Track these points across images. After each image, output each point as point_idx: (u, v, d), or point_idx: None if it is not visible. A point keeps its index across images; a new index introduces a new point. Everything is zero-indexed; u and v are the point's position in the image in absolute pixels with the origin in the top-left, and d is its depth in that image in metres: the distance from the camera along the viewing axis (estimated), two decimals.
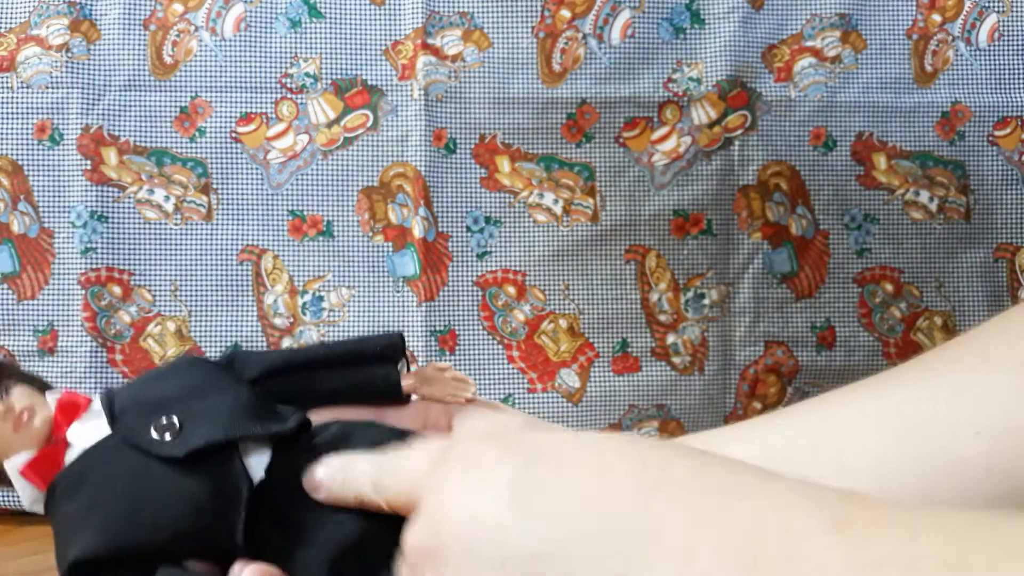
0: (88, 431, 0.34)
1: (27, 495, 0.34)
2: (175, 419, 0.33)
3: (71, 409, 0.35)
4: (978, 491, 0.33)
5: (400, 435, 0.34)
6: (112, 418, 0.34)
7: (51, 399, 0.35)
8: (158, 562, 0.31)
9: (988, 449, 0.33)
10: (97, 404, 0.35)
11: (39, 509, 0.34)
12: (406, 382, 0.37)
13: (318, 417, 0.35)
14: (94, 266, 0.82)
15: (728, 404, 0.87)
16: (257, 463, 0.33)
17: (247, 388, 0.35)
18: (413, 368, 0.38)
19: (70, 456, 0.34)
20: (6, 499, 0.81)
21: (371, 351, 0.37)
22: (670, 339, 0.86)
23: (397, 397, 0.37)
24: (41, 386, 0.36)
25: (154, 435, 0.33)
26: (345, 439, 0.34)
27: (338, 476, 0.31)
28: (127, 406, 0.34)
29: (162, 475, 0.32)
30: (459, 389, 0.37)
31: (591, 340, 0.86)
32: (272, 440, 0.33)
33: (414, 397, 0.38)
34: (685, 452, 0.26)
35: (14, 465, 0.34)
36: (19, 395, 0.35)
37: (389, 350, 0.37)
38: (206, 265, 0.84)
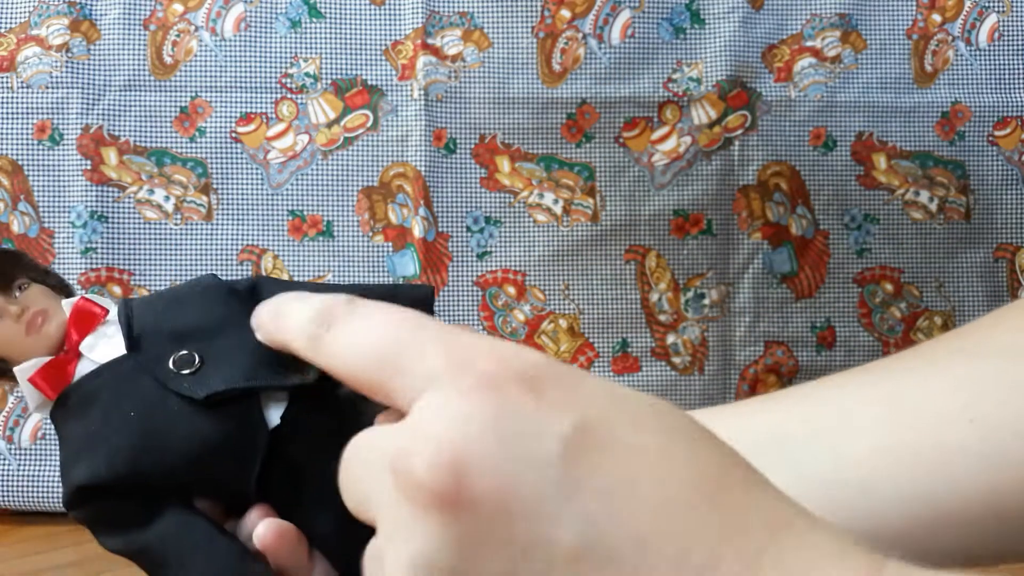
0: (102, 345, 0.33)
1: (34, 401, 0.33)
2: (195, 354, 0.32)
3: (87, 319, 0.33)
4: (971, 480, 0.33)
5: None
6: (129, 338, 0.33)
7: (67, 305, 0.34)
8: (164, 495, 0.31)
9: (981, 437, 0.33)
10: (113, 316, 0.34)
11: (44, 414, 0.33)
12: None
13: None
14: (94, 266, 0.82)
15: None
16: (274, 409, 0.32)
17: None
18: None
19: (81, 368, 0.33)
20: (6, 499, 0.81)
21: (401, 301, 0.36)
22: (670, 339, 0.86)
23: None
24: (60, 286, 0.35)
25: (172, 368, 0.31)
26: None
27: (271, 316, 0.29)
28: (147, 329, 0.33)
29: (177, 411, 0.31)
30: None
31: (591, 340, 0.86)
32: (291, 388, 0.32)
33: None
34: (736, 462, 0.24)
35: (23, 371, 0.32)
36: (35, 296, 0.34)
37: (419, 303, 0.35)
38: (206, 265, 0.84)
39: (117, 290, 0.83)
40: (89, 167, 0.83)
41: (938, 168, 0.88)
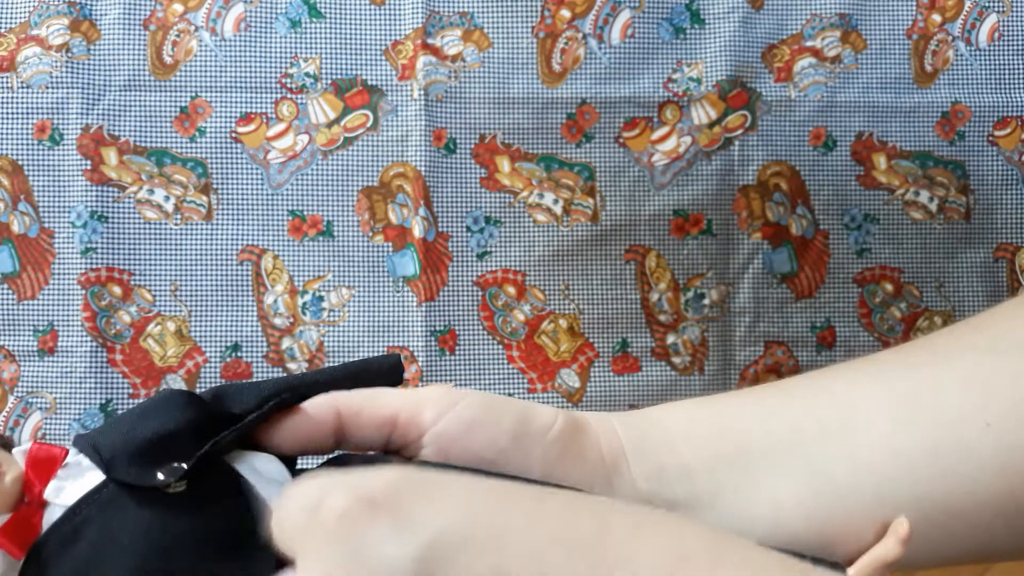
0: (71, 486, 0.30)
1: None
2: (184, 464, 0.29)
3: (47, 464, 0.30)
4: (986, 485, 0.32)
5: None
6: (104, 465, 0.30)
7: (19, 455, 0.31)
8: None
9: (997, 442, 0.32)
10: (78, 456, 0.31)
11: None
12: None
13: None
14: (94, 266, 0.82)
15: None
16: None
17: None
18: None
19: (49, 516, 0.30)
20: None
21: (373, 377, 0.34)
22: (670, 339, 0.86)
23: None
24: (2, 443, 0.32)
25: (162, 477, 0.29)
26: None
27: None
28: (118, 450, 0.30)
29: (177, 515, 0.29)
30: None
31: (591, 340, 0.86)
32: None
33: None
34: (612, 524, 0.23)
35: None
36: None
37: (392, 375, 0.35)
38: (206, 265, 0.84)
39: (117, 290, 0.83)
40: (89, 167, 0.83)
41: (938, 168, 0.88)
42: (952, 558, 0.33)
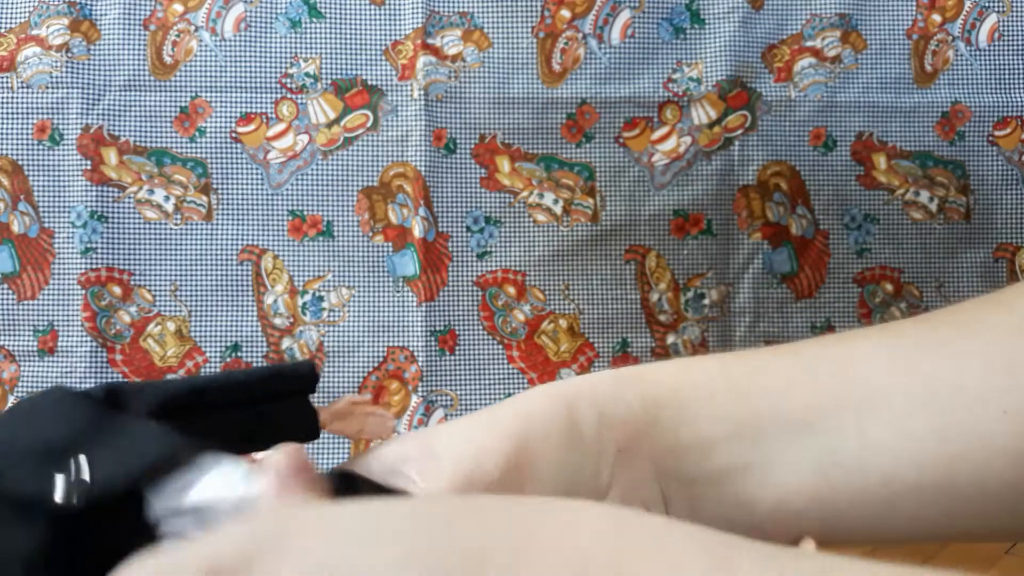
0: None
1: None
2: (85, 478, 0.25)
3: None
4: (996, 472, 0.31)
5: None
6: None
7: None
8: None
9: (1013, 431, 0.31)
10: None
11: None
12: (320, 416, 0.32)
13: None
14: (94, 266, 0.82)
15: None
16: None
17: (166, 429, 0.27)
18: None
19: None
20: None
21: (287, 384, 0.31)
22: (670, 339, 0.86)
23: (313, 436, 0.32)
24: None
25: (61, 486, 0.24)
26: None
27: None
28: (3, 450, 0.25)
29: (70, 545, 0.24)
30: (377, 426, 0.33)
31: (591, 340, 0.86)
32: None
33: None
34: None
35: None
36: None
37: (306, 383, 0.31)
38: (206, 265, 0.84)
39: (117, 290, 0.83)
40: (89, 167, 0.83)
41: (938, 168, 0.88)
42: (941, 537, 0.33)
